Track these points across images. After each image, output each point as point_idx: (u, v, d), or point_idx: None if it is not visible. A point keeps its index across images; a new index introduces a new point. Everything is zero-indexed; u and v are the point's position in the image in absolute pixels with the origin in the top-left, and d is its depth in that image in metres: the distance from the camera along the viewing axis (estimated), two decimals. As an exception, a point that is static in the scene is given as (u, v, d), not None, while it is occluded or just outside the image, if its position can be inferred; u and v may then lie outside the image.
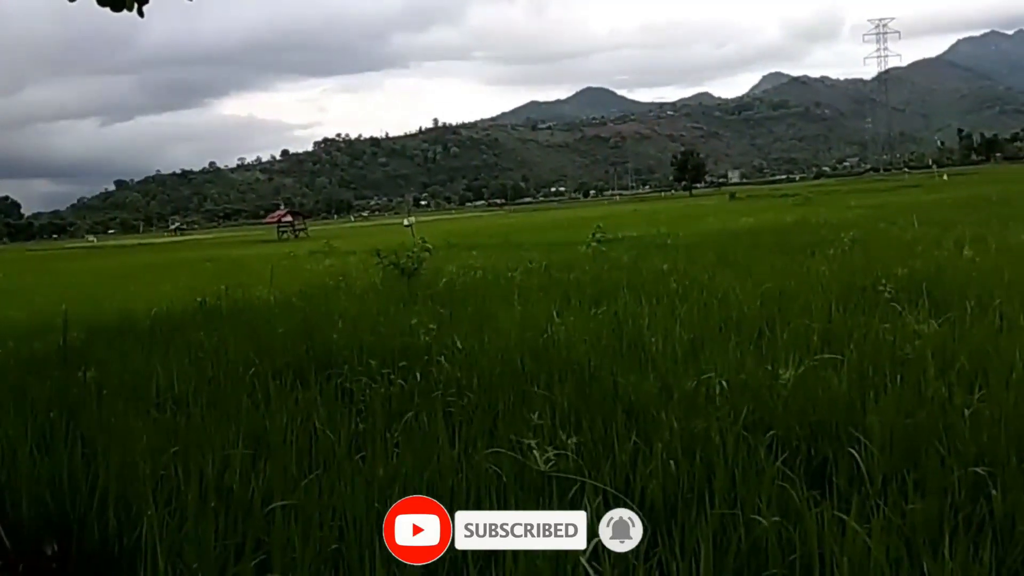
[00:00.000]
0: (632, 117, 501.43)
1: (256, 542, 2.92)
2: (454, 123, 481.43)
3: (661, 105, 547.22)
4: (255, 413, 4.69)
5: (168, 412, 4.92)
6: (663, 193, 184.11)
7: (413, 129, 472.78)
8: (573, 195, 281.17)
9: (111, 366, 6.35)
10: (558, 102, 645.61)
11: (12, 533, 3.95)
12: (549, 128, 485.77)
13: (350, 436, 4.17)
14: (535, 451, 3.43)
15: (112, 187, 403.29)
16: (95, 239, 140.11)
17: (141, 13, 5.09)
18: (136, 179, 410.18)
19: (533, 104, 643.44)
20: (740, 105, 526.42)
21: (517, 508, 3.09)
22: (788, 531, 2.89)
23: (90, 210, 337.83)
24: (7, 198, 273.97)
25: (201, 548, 2.82)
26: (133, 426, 4.45)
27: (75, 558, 3.59)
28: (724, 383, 4.65)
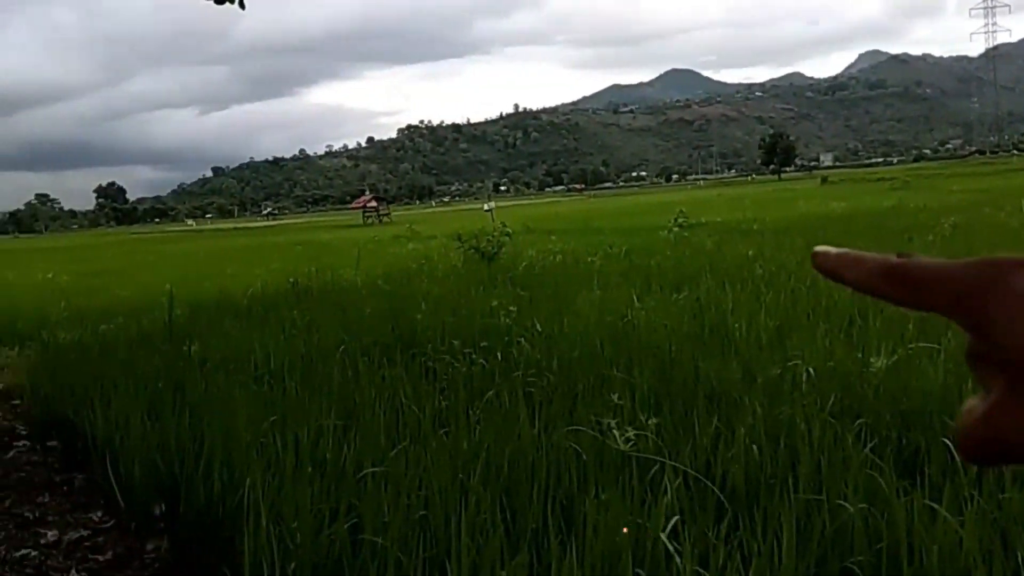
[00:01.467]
0: (718, 99, 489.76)
1: (348, 506, 3.07)
2: (534, 108, 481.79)
3: (749, 86, 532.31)
4: (345, 388, 4.89)
5: (265, 385, 5.17)
6: (749, 177, 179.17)
7: (494, 115, 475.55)
8: (655, 180, 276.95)
9: (212, 341, 6.71)
10: (641, 85, 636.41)
11: (125, 494, 4.27)
12: (631, 111, 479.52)
13: (434, 412, 4.31)
14: (615, 431, 3.46)
15: (209, 173, 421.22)
16: (194, 223, 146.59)
17: (242, 5, 5.32)
18: (231, 166, 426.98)
19: (615, 87, 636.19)
20: (834, 85, 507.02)
21: (596, 486, 3.14)
22: (875, 519, 2.84)
23: (189, 195, 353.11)
24: (113, 184, 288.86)
25: (299, 510, 2.99)
26: (234, 397, 4.71)
27: (181, 518, 3.86)
28: (811, 370, 4.56)
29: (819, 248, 0.39)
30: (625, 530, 2.70)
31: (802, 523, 2.88)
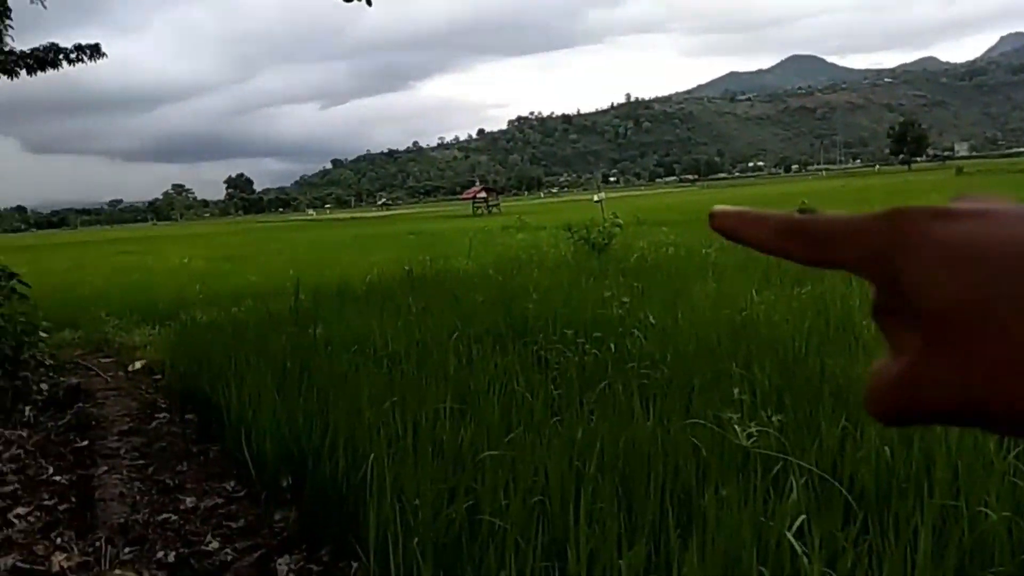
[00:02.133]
0: (843, 86, 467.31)
1: (466, 488, 3.13)
2: (647, 97, 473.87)
3: (878, 72, 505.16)
4: (460, 373, 4.98)
5: (385, 367, 5.34)
6: (876, 168, 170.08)
7: (604, 105, 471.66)
8: (773, 170, 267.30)
9: (334, 325, 6.98)
10: (760, 72, 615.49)
11: (256, 465, 4.51)
12: (749, 99, 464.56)
13: (547, 400, 4.33)
14: (736, 426, 3.38)
15: (329, 165, 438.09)
16: (314, 212, 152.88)
17: (369, 2, 5.47)
18: (349, 158, 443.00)
19: (732, 75, 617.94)
20: (972, 70, 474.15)
21: (716, 481, 3.07)
22: (1020, 529, 2.66)
23: (310, 186, 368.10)
24: (242, 175, 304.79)
25: (420, 488, 3.08)
26: (356, 378, 4.89)
27: (308, 490, 4.05)
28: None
29: (717, 208, 0.37)
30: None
31: (938, 530, 2.73)
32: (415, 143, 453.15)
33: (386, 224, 54.03)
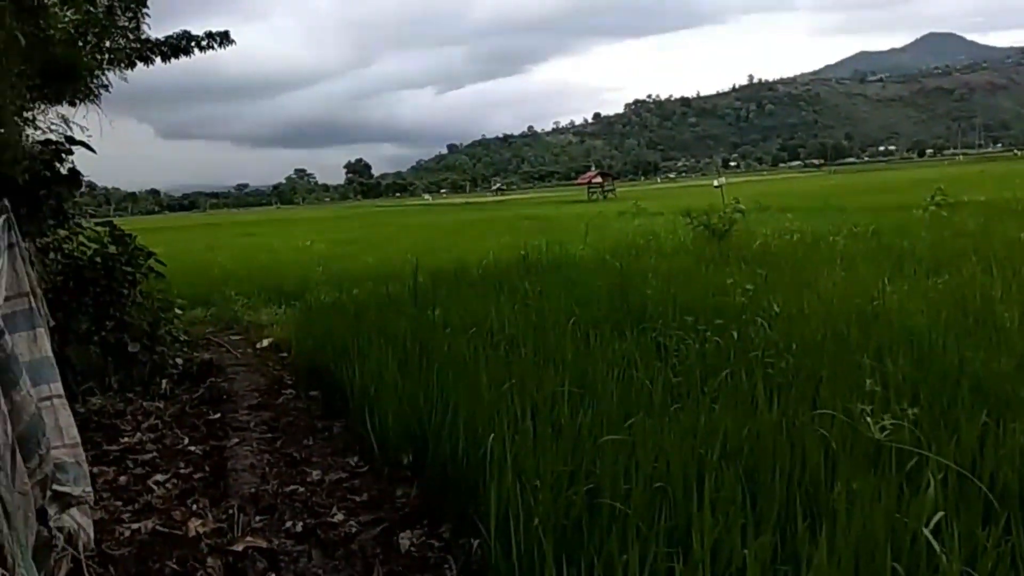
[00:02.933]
0: (983, 65, 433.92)
1: (586, 473, 3.15)
2: (770, 79, 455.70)
3: (1022, 50, 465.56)
4: (577, 358, 4.99)
5: (502, 350, 5.41)
6: (1018, 152, 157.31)
7: (726, 87, 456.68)
8: (905, 155, 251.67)
9: (452, 307, 7.11)
10: (892, 51, 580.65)
11: (379, 442, 4.68)
12: (880, 80, 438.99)
13: (666, 386, 4.28)
14: (868, 418, 3.24)
15: (444, 150, 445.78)
16: (429, 197, 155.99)
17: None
18: (464, 143, 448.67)
19: (862, 55, 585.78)
20: None
21: (846, 475, 2.96)
22: None
23: (426, 171, 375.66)
24: (360, 160, 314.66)
25: (540, 470, 3.12)
26: (475, 359, 4.97)
27: (428, 468, 4.16)
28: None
29: None
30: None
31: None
32: (530, 128, 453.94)
33: (500, 209, 54.53)
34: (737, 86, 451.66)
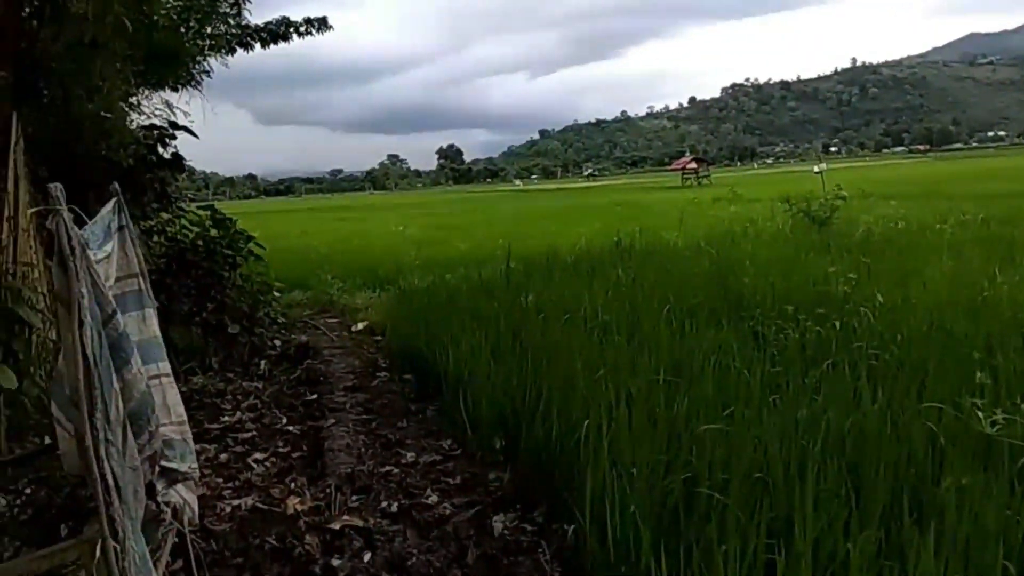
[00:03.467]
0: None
1: (683, 461, 3.12)
2: (875, 62, 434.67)
3: None
4: (673, 346, 4.92)
5: (596, 336, 5.40)
6: None
7: (827, 70, 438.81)
8: (1016, 140, 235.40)
9: (545, 293, 7.11)
10: (1004, 33, 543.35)
11: (472, 426, 4.74)
12: (991, 63, 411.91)
13: (764, 376, 4.18)
14: (980, 412, 3.09)
15: (536, 136, 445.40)
16: (520, 183, 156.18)
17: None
18: (556, 128, 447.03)
19: (972, 36, 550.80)
20: None
21: (953, 471, 2.84)
22: None
23: (517, 157, 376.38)
24: (452, 146, 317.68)
25: (635, 458, 3.11)
26: (569, 345, 4.97)
27: (521, 452, 4.19)
28: None
29: None
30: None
31: None
32: (623, 112, 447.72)
33: (592, 195, 54.16)
34: (839, 69, 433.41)
